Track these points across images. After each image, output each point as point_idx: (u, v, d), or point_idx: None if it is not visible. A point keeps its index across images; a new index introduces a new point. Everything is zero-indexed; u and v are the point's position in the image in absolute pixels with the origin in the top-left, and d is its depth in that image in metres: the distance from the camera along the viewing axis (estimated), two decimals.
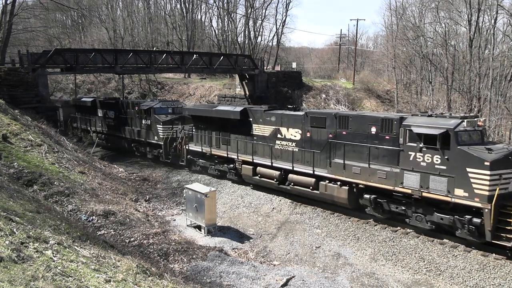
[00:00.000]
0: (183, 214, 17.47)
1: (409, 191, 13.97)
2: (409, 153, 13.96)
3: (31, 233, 7.40)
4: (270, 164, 18.78)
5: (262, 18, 61.15)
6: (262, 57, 47.78)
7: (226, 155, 21.28)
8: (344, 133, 16.19)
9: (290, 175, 18.11)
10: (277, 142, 18.98)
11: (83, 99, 34.84)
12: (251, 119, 20.22)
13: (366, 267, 13.37)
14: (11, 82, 24.88)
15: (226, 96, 41.71)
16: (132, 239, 13.28)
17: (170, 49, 50.52)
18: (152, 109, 26.16)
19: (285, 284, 11.90)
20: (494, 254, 12.72)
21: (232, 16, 62.09)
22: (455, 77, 36.53)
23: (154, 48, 51.59)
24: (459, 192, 12.70)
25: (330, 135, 16.64)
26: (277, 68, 54.16)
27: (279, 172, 18.53)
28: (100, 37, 61.53)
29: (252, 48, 59.58)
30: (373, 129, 15.21)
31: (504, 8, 35.77)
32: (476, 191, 12.30)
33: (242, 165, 20.28)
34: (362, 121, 15.66)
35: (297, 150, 17.96)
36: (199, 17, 69.60)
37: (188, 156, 24.00)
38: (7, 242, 6.37)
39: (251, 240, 15.62)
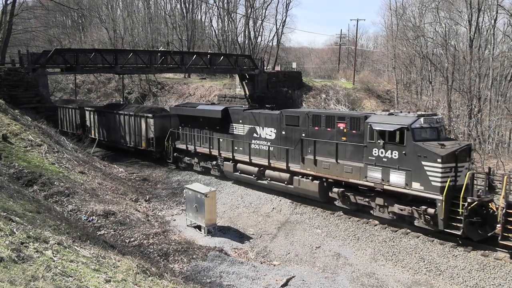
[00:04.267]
0: (183, 214, 17.47)
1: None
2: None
3: (31, 233, 7.40)
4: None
5: (262, 18, 61.23)
6: (262, 57, 47.79)
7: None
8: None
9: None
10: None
11: (202, 107, 23.71)
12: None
13: (366, 267, 13.36)
14: (11, 82, 24.84)
15: (226, 96, 41.71)
16: (132, 239, 13.29)
17: (170, 49, 50.51)
18: (411, 130, 14.01)
19: (285, 284, 11.89)
20: (494, 253, 12.74)
21: (232, 16, 62.13)
22: (455, 77, 36.53)
23: (161, 48, 51.50)
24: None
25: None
26: (277, 68, 54.14)
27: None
28: (100, 37, 61.60)
29: (252, 48, 59.58)
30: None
31: (504, 8, 35.79)
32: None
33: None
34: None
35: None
36: (199, 17, 69.69)
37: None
38: (7, 242, 6.37)
39: (251, 240, 15.61)
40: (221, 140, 21.71)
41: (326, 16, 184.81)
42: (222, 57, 37.84)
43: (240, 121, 20.88)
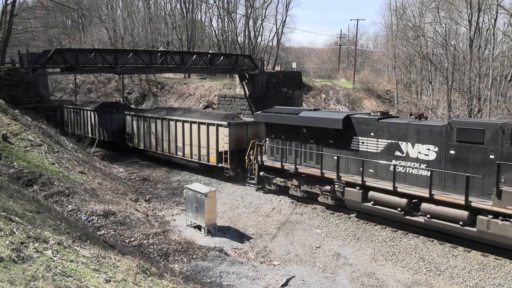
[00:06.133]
0: (183, 214, 17.47)
1: None
2: None
3: (31, 233, 7.40)
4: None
5: (262, 18, 61.26)
6: (262, 57, 47.81)
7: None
8: None
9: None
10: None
11: (307, 114, 18.41)
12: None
13: (366, 267, 13.37)
14: (11, 82, 24.83)
15: (226, 96, 41.72)
16: (132, 239, 13.29)
17: (170, 49, 50.53)
18: None
19: (285, 284, 11.90)
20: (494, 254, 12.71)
21: (232, 16, 62.13)
22: (455, 77, 36.54)
23: (161, 48, 51.48)
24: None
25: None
26: (277, 68, 54.16)
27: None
28: (100, 37, 61.63)
29: (252, 48, 59.60)
30: None
31: (504, 8, 35.79)
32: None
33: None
34: None
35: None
36: (199, 17, 69.71)
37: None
38: (7, 242, 6.37)
39: (251, 240, 15.61)
40: (340, 158, 16.59)
41: (326, 16, 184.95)
42: (222, 57, 37.85)
43: (372, 133, 15.87)
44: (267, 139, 19.87)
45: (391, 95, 47.30)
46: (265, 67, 43.68)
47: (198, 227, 16.10)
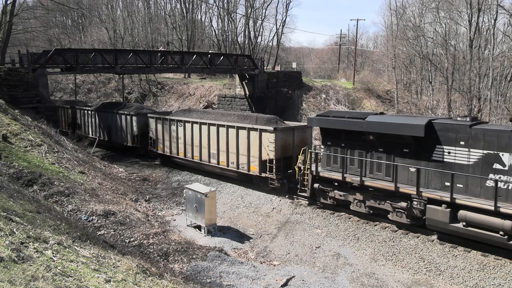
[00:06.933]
0: (183, 214, 17.48)
1: None
2: None
3: (31, 233, 7.40)
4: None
5: (262, 18, 61.24)
6: (262, 57, 47.77)
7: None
8: None
9: None
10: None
11: (376, 118, 16.05)
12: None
13: (366, 267, 13.37)
14: (11, 82, 24.84)
15: (226, 96, 41.71)
16: (132, 239, 13.30)
17: (170, 49, 50.54)
18: None
19: (285, 284, 11.90)
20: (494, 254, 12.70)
21: (232, 16, 62.12)
22: (455, 77, 36.56)
23: (161, 48, 51.47)
24: None
25: None
26: (277, 68, 54.15)
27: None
28: (100, 37, 61.62)
29: (252, 48, 59.60)
30: None
31: (504, 8, 35.79)
32: None
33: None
34: None
35: None
36: (199, 17, 69.65)
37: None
38: (7, 242, 6.37)
39: (251, 240, 15.62)
40: (419, 170, 14.35)
41: (326, 16, 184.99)
42: (222, 57, 37.84)
43: (462, 142, 13.73)
44: (322, 146, 17.85)
45: (391, 95, 47.28)
46: (265, 67, 43.67)
47: (198, 227, 16.11)
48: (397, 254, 13.77)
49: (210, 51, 43.41)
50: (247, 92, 39.46)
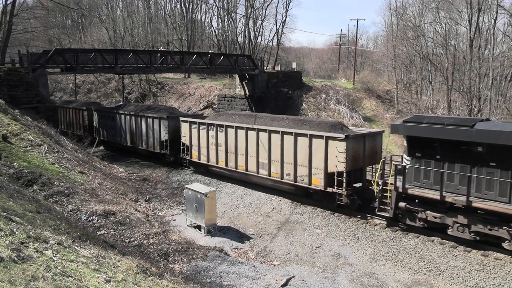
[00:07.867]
0: (183, 214, 17.48)
1: None
2: None
3: (31, 233, 7.40)
4: None
5: (262, 18, 61.27)
6: (262, 57, 47.79)
7: None
8: None
9: None
10: None
11: (487, 126, 13.13)
12: None
13: (366, 267, 13.37)
14: (11, 82, 24.85)
15: (226, 96, 41.74)
16: (132, 239, 13.29)
17: (170, 49, 50.54)
18: None
19: (285, 284, 11.90)
20: (494, 253, 12.71)
21: (232, 16, 62.12)
22: (455, 77, 36.59)
23: (160, 48, 51.46)
24: None
25: None
26: (277, 68, 54.17)
27: None
28: (100, 37, 61.68)
29: (252, 48, 59.62)
30: None
31: (504, 8, 35.81)
32: None
33: None
34: None
35: None
36: (199, 17, 69.69)
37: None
38: (7, 242, 6.37)
39: (251, 240, 15.62)
40: None
41: (326, 16, 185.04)
42: (222, 57, 37.85)
43: None
44: (409, 157, 14.84)
45: (391, 95, 47.29)
46: (265, 67, 43.68)
47: (198, 227, 16.11)
48: (397, 254, 13.77)
49: (210, 51, 43.37)
50: (247, 92, 39.47)
